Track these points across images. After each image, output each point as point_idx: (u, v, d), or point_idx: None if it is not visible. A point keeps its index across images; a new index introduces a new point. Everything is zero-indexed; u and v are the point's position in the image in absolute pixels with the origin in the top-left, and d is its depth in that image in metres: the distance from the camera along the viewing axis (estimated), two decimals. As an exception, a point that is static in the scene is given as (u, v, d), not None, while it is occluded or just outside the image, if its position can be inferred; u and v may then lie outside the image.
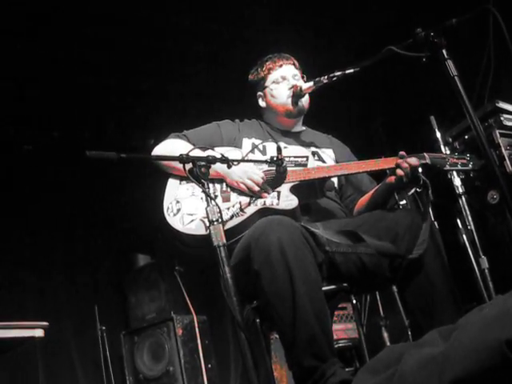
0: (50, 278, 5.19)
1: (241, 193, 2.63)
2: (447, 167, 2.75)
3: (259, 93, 3.11)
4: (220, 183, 2.68)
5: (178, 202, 2.62)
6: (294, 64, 3.09)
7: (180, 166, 2.31)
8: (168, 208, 2.61)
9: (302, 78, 3.06)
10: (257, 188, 2.60)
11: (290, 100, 2.96)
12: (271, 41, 4.56)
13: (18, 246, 5.07)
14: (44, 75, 4.96)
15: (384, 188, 2.79)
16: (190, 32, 4.99)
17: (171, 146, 2.78)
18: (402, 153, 2.65)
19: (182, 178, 2.70)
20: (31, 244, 5.17)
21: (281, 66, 3.05)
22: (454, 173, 3.67)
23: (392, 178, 2.68)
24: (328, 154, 2.99)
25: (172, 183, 2.71)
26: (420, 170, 2.68)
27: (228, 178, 2.66)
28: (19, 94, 5.02)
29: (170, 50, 5.14)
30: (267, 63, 3.07)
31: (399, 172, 2.62)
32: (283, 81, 3.01)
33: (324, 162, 2.93)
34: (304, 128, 3.15)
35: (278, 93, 3.01)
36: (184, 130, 2.94)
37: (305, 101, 3.00)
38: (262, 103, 3.11)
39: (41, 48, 4.72)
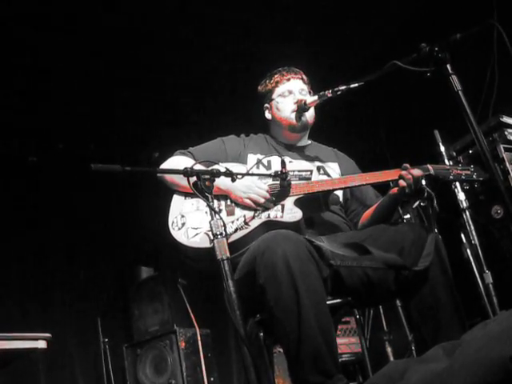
0: (53, 290, 5.19)
1: (245, 206, 2.63)
2: (451, 178, 2.74)
3: (266, 105, 3.11)
4: (225, 198, 2.68)
5: (182, 216, 2.63)
6: (302, 79, 3.09)
7: (184, 182, 2.32)
8: (173, 222, 2.62)
9: (310, 93, 3.06)
10: (262, 200, 2.61)
11: (293, 114, 2.96)
12: (277, 55, 4.57)
13: (22, 257, 5.07)
14: (49, 87, 4.98)
15: (388, 200, 2.79)
16: (196, 46, 5.01)
17: (176, 163, 2.79)
18: (405, 165, 2.65)
19: (186, 194, 2.70)
20: (34, 255, 5.17)
21: (288, 79, 3.05)
22: (459, 187, 3.67)
23: (395, 190, 2.68)
24: (333, 168, 2.99)
25: (177, 199, 2.72)
26: (424, 181, 2.68)
27: (232, 194, 2.66)
28: (24, 105, 5.04)
29: (176, 62, 5.16)
30: (275, 76, 3.08)
31: (402, 183, 2.61)
32: (289, 95, 3.01)
33: (329, 176, 2.92)
34: (309, 142, 3.15)
35: (282, 106, 3.01)
36: (190, 144, 2.95)
37: (309, 116, 3.00)
38: (267, 115, 3.12)
39: (45, 60, 4.74)
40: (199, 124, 5.46)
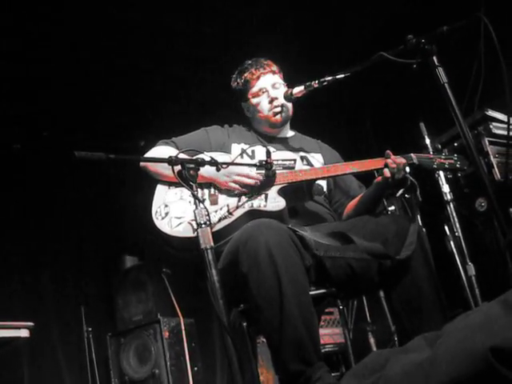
0: (37, 279, 5.16)
1: (229, 196, 2.63)
2: (434, 167, 2.78)
3: (243, 103, 3.09)
4: (208, 187, 2.68)
5: (166, 205, 2.63)
6: (272, 71, 3.04)
7: (168, 172, 2.31)
8: (156, 212, 2.61)
9: (283, 79, 3.05)
10: (247, 180, 2.61)
11: (271, 112, 2.96)
12: (263, 45, 4.56)
13: (5, 246, 5.03)
14: (35, 74, 4.94)
15: (372, 190, 2.80)
16: (182, 34, 4.99)
17: (160, 153, 2.77)
18: (388, 152, 2.66)
19: (170, 184, 2.70)
20: (18, 245, 5.13)
21: (258, 77, 3.01)
22: (443, 179, 3.69)
23: (379, 179, 2.69)
24: (317, 159, 2.99)
25: (161, 188, 2.71)
26: (408, 170, 2.69)
27: (216, 180, 2.66)
28: (9, 92, 4.99)
29: (162, 52, 5.13)
30: (245, 75, 3.03)
31: (386, 172, 2.63)
32: (263, 94, 2.99)
33: (313, 166, 2.92)
34: (293, 133, 3.15)
35: (260, 107, 2.99)
36: (174, 134, 2.93)
37: (289, 108, 3.00)
38: (247, 113, 3.11)
39: (31, 47, 4.70)
40: (185, 114, 5.43)
